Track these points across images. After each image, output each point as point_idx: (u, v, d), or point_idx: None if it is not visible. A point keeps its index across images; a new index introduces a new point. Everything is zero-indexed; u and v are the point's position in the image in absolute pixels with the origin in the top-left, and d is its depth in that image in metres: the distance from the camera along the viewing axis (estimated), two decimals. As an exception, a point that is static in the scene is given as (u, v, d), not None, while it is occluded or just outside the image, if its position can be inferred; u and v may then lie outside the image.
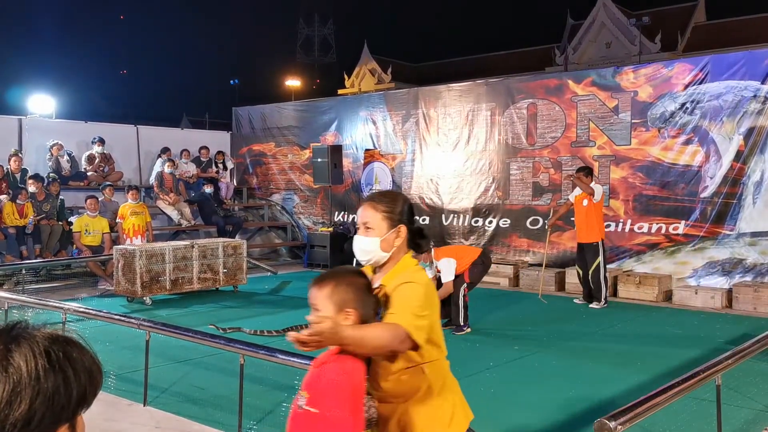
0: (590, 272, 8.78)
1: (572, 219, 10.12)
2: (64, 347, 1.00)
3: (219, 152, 14.15)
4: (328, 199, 13.41)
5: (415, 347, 2.20)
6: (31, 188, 10.50)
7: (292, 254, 14.22)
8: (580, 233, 8.92)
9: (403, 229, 2.41)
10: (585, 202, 8.83)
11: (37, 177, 10.78)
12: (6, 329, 0.99)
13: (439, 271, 7.30)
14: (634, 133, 9.95)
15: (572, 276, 9.77)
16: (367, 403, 2.36)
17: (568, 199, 9.40)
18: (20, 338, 0.98)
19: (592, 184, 8.87)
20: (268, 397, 4.99)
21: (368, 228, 2.41)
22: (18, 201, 10.23)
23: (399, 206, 2.44)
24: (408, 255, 2.44)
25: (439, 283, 7.14)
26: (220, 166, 14.02)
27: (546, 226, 9.81)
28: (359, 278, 2.26)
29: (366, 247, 2.42)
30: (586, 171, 9.00)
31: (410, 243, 2.46)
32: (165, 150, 13.24)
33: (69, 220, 10.90)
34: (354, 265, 2.53)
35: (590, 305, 8.76)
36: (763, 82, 8.89)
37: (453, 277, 7.23)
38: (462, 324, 7.31)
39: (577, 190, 9.09)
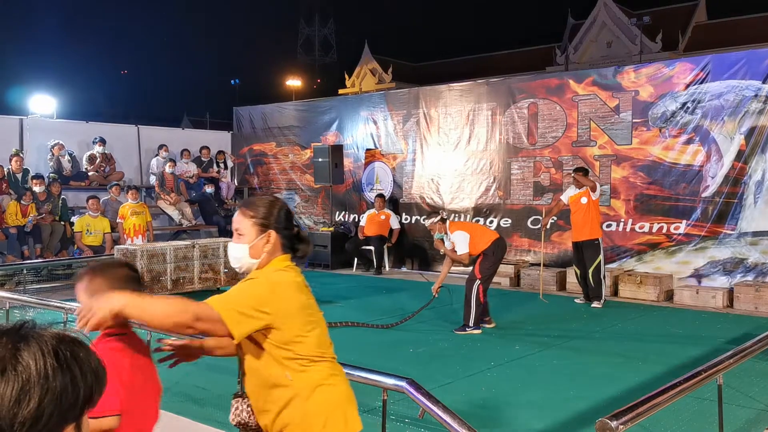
0: (591, 271, 8.75)
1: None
2: (72, 347, 1.00)
3: (220, 152, 14.16)
4: (329, 198, 13.41)
5: (231, 335, 2.16)
6: (36, 188, 10.53)
7: (293, 254, 14.22)
8: (580, 232, 8.89)
9: (273, 235, 2.36)
10: (584, 200, 8.81)
11: (38, 177, 10.80)
12: (14, 328, 1.00)
13: (452, 243, 7.37)
14: (635, 133, 9.94)
15: (573, 276, 9.76)
16: (240, 405, 2.37)
17: (560, 199, 9.37)
18: (29, 337, 0.98)
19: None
20: (270, 397, 4.99)
21: (239, 234, 2.39)
22: (22, 202, 10.25)
23: (268, 212, 2.39)
24: (280, 257, 2.38)
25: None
26: (221, 165, 14.03)
27: (541, 228, 9.78)
28: (119, 269, 2.25)
29: (235, 254, 2.40)
30: (584, 171, 9.00)
31: (287, 248, 2.42)
32: (161, 146, 13.24)
33: (71, 220, 10.91)
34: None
35: (592, 305, 8.75)
36: (764, 82, 8.89)
37: (467, 250, 7.25)
38: (470, 323, 7.28)
39: (572, 191, 9.07)
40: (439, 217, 7.64)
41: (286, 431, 2.28)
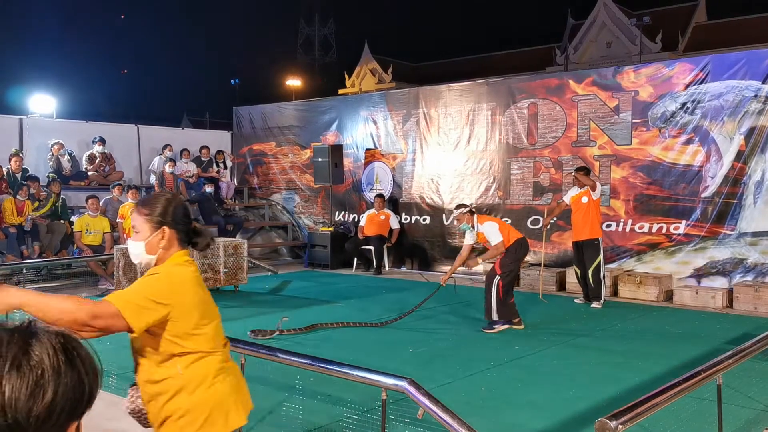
0: (590, 271, 8.75)
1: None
2: (75, 345, 1.02)
3: (219, 152, 14.16)
4: (328, 198, 13.41)
5: (131, 329, 2.23)
6: (32, 189, 10.54)
7: (293, 254, 14.23)
8: (580, 231, 8.89)
9: (167, 231, 2.45)
10: (585, 200, 8.82)
11: (32, 178, 10.80)
12: (23, 326, 1.01)
13: (480, 236, 7.41)
14: (635, 133, 9.94)
15: (573, 276, 9.76)
16: (135, 393, 2.47)
17: (562, 200, 9.37)
18: (39, 334, 0.99)
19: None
20: (269, 397, 4.99)
21: (136, 232, 2.49)
22: (18, 197, 10.24)
23: (161, 209, 2.47)
24: (179, 252, 2.47)
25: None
26: (221, 165, 14.03)
27: (542, 228, 9.78)
28: None
29: (133, 251, 2.50)
30: (585, 170, 9.00)
31: (185, 242, 2.51)
32: (166, 146, 13.25)
33: (71, 220, 10.91)
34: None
35: (591, 305, 8.75)
36: (764, 82, 8.89)
37: (501, 238, 7.26)
38: (494, 318, 7.29)
39: (574, 191, 9.08)
40: (468, 209, 7.51)
41: (168, 422, 2.37)
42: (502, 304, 7.28)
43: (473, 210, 7.60)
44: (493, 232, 7.31)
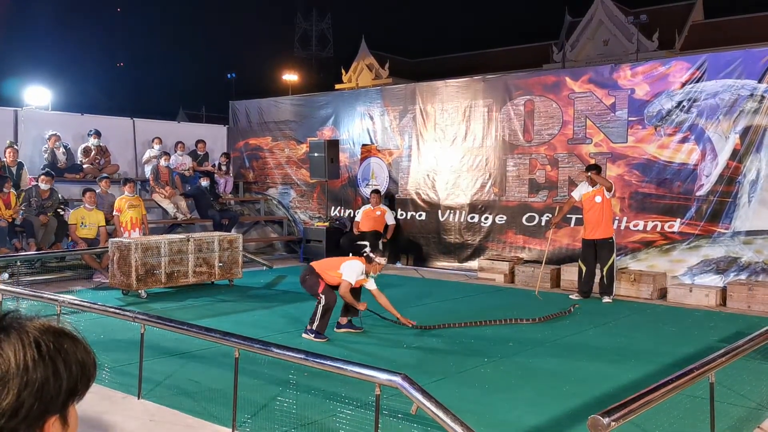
0: (605, 269, 8.93)
1: (568, 216, 10.15)
2: (56, 338, 0.99)
3: (224, 154, 14.16)
4: (324, 193, 13.39)
5: None
6: (43, 185, 10.48)
7: (288, 249, 14.22)
8: (594, 230, 8.93)
9: None
10: (598, 199, 8.85)
11: (48, 173, 10.74)
12: None
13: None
14: (631, 131, 9.96)
15: (567, 273, 9.79)
16: None
17: (571, 196, 9.38)
18: (10, 328, 0.97)
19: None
20: (263, 391, 5.00)
21: None
22: (3, 189, 10.17)
23: None
24: None
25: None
26: (223, 169, 13.97)
27: (550, 225, 9.78)
28: None
29: None
30: (597, 169, 9.04)
31: None
32: (154, 138, 13.23)
33: (59, 210, 10.80)
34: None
35: (603, 300, 8.92)
36: (759, 81, 8.91)
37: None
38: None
39: (584, 188, 9.06)
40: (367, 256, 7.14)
41: None
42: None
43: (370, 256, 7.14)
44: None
